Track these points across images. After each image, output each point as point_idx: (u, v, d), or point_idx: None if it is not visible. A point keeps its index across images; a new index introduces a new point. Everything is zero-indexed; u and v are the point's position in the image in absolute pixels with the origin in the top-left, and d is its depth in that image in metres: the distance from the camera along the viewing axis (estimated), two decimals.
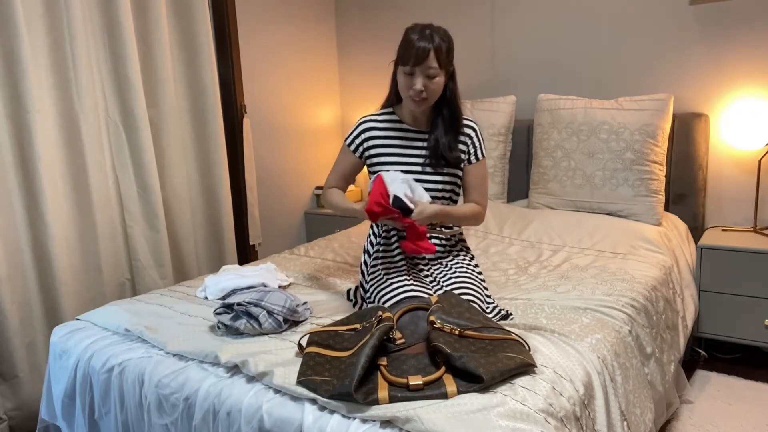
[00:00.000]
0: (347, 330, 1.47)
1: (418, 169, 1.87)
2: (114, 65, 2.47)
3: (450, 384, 1.27)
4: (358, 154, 1.96)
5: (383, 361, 1.33)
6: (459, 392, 1.25)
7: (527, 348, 1.42)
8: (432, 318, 1.41)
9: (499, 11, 3.17)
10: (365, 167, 2.01)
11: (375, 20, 3.59)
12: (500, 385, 1.27)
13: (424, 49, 1.72)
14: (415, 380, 1.27)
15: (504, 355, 1.32)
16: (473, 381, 1.27)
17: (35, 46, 2.23)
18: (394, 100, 1.94)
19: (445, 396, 1.25)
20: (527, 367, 1.33)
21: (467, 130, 1.90)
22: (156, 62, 2.61)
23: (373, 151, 1.93)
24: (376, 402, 1.23)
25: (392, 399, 1.24)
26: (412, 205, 1.68)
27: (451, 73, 1.83)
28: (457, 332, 1.38)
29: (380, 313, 1.44)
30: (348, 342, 1.42)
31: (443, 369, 1.31)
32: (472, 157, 1.90)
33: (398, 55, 1.80)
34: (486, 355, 1.32)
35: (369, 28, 3.62)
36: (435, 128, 1.87)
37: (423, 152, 1.88)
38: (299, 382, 1.31)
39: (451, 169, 1.89)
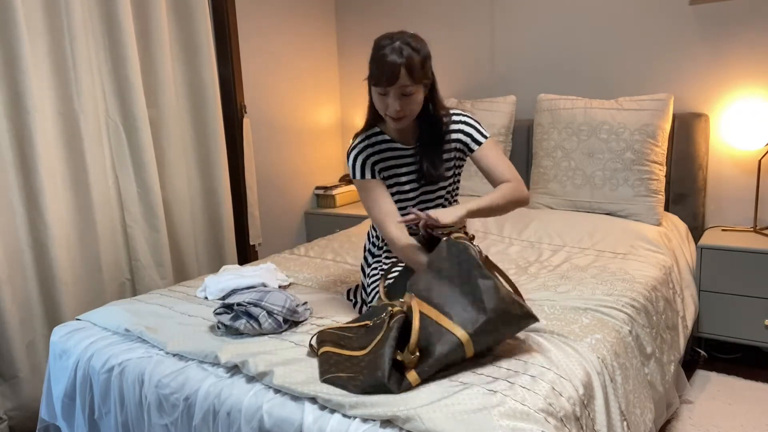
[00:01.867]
0: (356, 327, 1.47)
1: (415, 184, 1.81)
2: (114, 65, 2.47)
3: (454, 328, 1.33)
4: (376, 178, 1.78)
5: (398, 356, 1.33)
6: (468, 334, 1.31)
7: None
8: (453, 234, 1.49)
9: (499, 11, 3.17)
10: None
11: (375, 20, 3.59)
12: (500, 385, 1.28)
13: (393, 66, 1.55)
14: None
15: (514, 296, 1.39)
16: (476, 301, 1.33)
17: (35, 46, 2.23)
18: (376, 118, 1.80)
19: (460, 344, 1.31)
20: (530, 320, 1.39)
21: (454, 127, 1.76)
22: (156, 62, 2.61)
23: (384, 173, 1.80)
24: (410, 386, 1.28)
25: (421, 374, 1.29)
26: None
27: (431, 84, 1.68)
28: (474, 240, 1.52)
29: (390, 308, 1.43)
30: (358, 342, 1.42)
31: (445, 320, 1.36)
32: (473, 145, 1.76)
33: (370, 72, 1.64)
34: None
35: (369, 28, 3.62)
36: (420, 143, 1.76)
37: (414, 167, 1.79)
38: (325, 380, 1.32)
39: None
